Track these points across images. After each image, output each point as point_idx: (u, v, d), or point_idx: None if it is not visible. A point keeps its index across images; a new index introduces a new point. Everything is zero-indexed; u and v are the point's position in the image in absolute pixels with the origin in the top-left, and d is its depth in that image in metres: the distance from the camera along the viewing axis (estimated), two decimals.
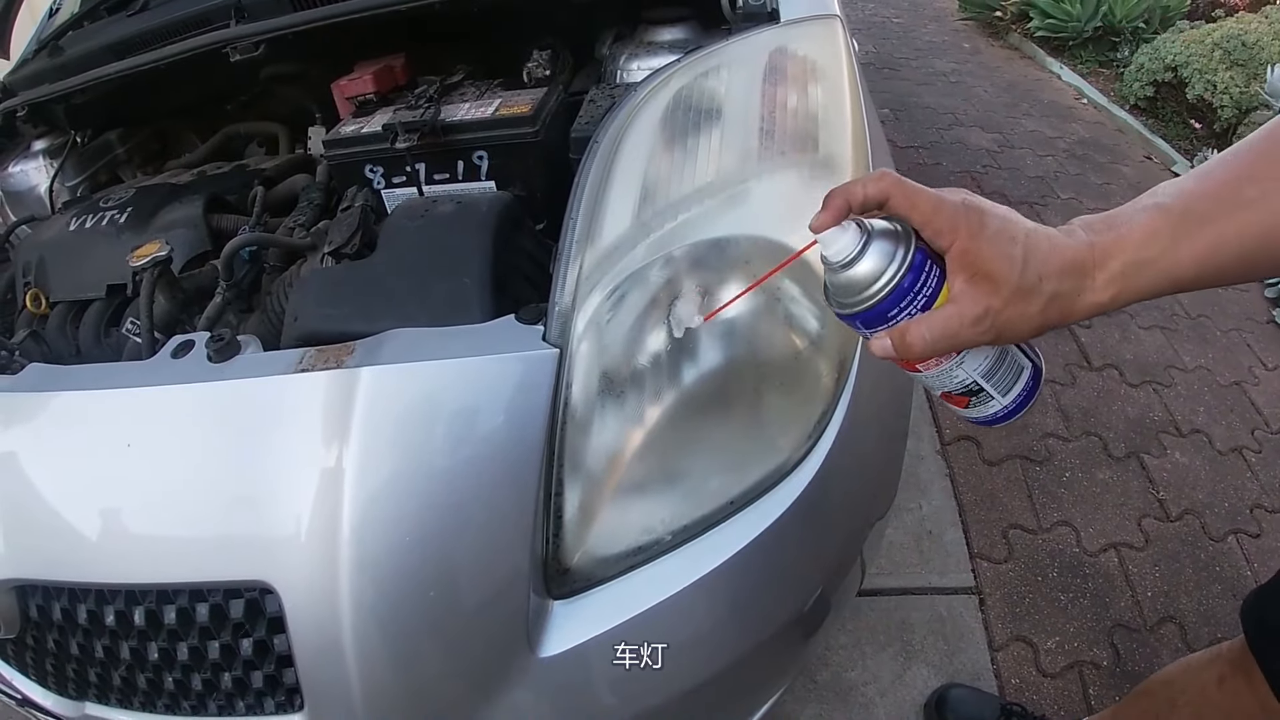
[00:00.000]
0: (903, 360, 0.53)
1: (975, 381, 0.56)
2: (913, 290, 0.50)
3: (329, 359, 0.71)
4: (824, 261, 0.52)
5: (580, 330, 0.70)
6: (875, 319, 0.52)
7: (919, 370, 0.56)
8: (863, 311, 0.52)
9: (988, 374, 0.56)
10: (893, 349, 0.51)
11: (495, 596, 0.71)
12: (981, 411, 0.58)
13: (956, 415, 0.61)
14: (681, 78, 0.83)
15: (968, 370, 0.55)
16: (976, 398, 0.57)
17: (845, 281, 0.51)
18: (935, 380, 0.56)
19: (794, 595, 0.84)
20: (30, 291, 1.11)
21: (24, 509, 0.78)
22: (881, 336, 0.51)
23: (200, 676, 0.76)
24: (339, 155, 1.03)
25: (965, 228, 0.49)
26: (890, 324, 0.51)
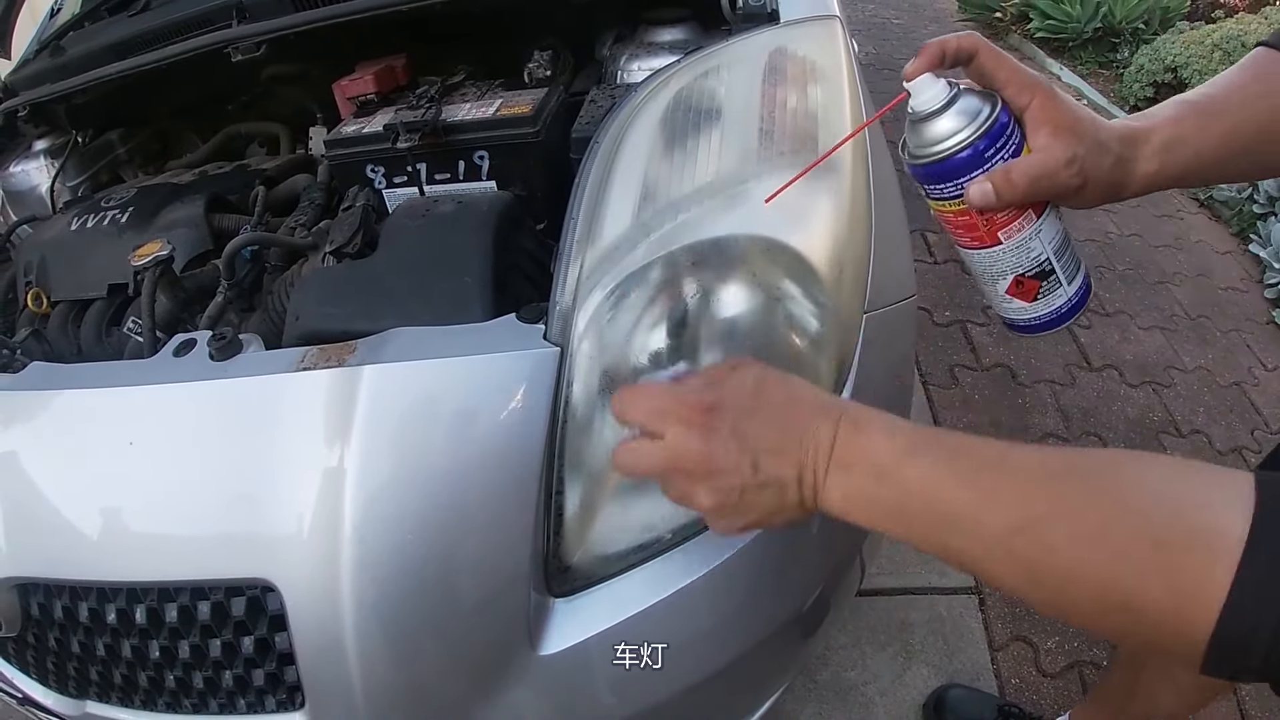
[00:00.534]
0: (996, 212, 0.55)
1: (1048, 259, 0.59)
2: (1003, 136, 0.54)
3: (331, 357, 0.71)
4: (912, 113, 0.54)
5: (581, 329, 0.71)
6: (963, 166, 0.54)
7: (999, 242, 0.57)
8: (951, 155, 0.54)
9: (1059, 250, 0.59)
10: (993, 191, 0.53)
11: (496, 594, 0.72)
12: (1049, 304, 0.60)
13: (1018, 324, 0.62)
14: (682, 78, 0.83)
15: (1043, 242, 0.58)
16: (1046, 283, 0.59)
17: (934, 130, 0.54)
18: (1012, 255, 0.58)
19: (793, 594, 0.85)
20: (31, 291, 1.11)
21: (26, 507, 0.78)
22: (981, 181, 0.54)
23: (201, 674, 0.76)
24: (340, 155, 1.03)
25: (1043, 89, 0.54)
26: (982, 170, 0.54)
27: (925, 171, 0.56)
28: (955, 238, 0.61)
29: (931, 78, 0.54)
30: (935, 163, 0.55)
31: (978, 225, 0.57)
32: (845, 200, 0.80)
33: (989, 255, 0.59)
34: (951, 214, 0.58)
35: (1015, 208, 0.56)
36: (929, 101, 0.53)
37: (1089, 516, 0.41)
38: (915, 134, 0.55)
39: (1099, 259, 2.76)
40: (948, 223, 0.60)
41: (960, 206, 0.57)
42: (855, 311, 0.80)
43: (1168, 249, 2.86)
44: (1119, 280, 2.66)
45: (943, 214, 0.59)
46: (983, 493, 0.44)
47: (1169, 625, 0.39)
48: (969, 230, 0.59)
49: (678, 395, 0.52)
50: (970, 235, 0.59)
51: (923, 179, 0.57)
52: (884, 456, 0.47)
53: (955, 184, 0.55)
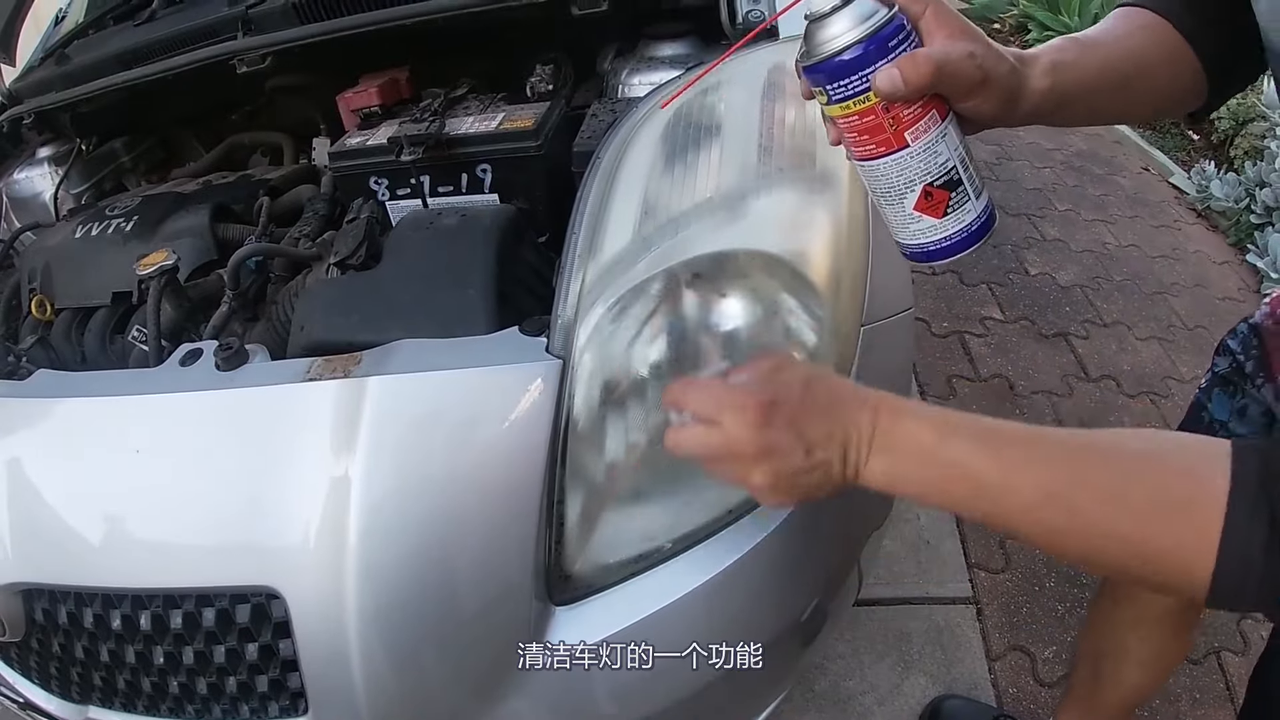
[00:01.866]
0: (904, 104, 0.55)
1: (955, 166, 0.57)
2: (903, 31, 0.54)
3: (336, 368, 0.72)
4: (811, 14, 0.54)
5: (583, 342, 0.72)
6: (869, 56, 0.53)
7: (906, 144, 0.56)
8: (857, 43, 0.52)
9: (964, 160, 0.58)
10: (900, 77, 0.53)
11: (499, 602, 0.72)
12: (959, 219, 0.59)
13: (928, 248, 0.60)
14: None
15: (949, 147, 0.57)
16: (956, 194, 0.58)
17: (837, 25, 0.53)
18: (920, 159, 0.56)
19: (792, 603, 0.86)
20: (35, 298, 1.12)
21: (32, 513, 0.79)
22: (888, 68, 0.53)
23: (205, 680, 0.77)
24: (344, 167, 1.04)
25: (935, 1, 0.57)
26: (886, 60, 0.53)
27: (828, 67, 0.54)
28: (858, 150, 0.58)
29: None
30: (837, 55, 0.53)
31: (884, 126, 0.55)
32: (843, 214, 0.81)
33: (895, 161, 0.57)
34: (855, 115, 0.56)
35: (921, 100, 0.55)
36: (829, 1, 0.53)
37: (1106, 483, 0.49)
38: (815, 32, 0.54)
39: (1096, 270, 2.77)
40: (850, 129, 0.57)
41: (864, 105, 0.55)
42: (853, 324, 0.81)
43: (1165, 259, 2.87)
44: (1116, 291, 2.67)
45: (846, 118, 0.56)
46: (1013, 466, 0.51)
47: (1177, 569, 0.47)
48: (874, 134, 0.56)
49: (734, 388, 0.58)
50: (875, 140, 0.56)
51: (825, 77, 0.55)
52: (924, 440, 0.53)
53: (860, 75, 0.54)
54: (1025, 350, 2.40)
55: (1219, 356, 0.98)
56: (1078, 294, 2.65)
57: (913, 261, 0.64)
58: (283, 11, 1.15)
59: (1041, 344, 2.43)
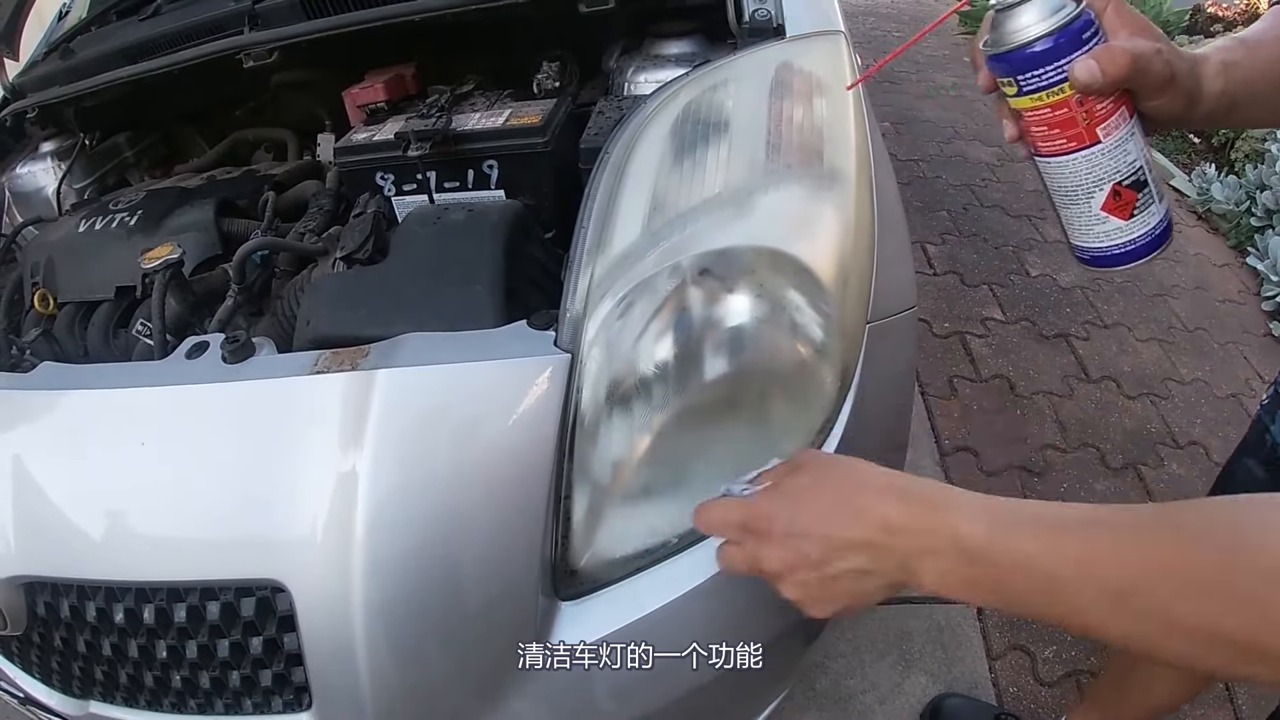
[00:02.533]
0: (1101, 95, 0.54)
1: (1143, 166, 0.56)
2: (1094, 25, 0.53)
3: (344, 361, 0.72)
4: (997, 5, 0.54)
5: (591, 336, 0.72)
6: (1064, 47, 0.53)
7: (1098, 140, 0.55)
8: (1054, 32, 0.52)
9: (1149, 161, 0.57)
10: (1098, 67, 0.52)
11: (505, 596, 0.72)
12: (1145, 222, 0.58)
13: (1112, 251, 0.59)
14: (690, 91, 0.84)
15: (1137, 146, 0.56)
16: (1143, 195, 0.57)
17: (1030, 13, 0.52)
18: (1111, 156, 0.55)
19: None
20: (38, 292, 1.12)
21: (35, 506, 0.78)
22: (1086, 59, 0.52)
23: (209, 674, 0.77)
24: (351, 162, 1.04)
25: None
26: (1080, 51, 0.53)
27: (1021, 57, 0.54)
28: (1045, 145, 0.57)
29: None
30: (1030, 44, 0.53)
31: (1076, 120, 0.55)
32: (849, 212, 0.81)
33: (1087, 157, 0.56)
34: (1047, 108, 0.55)
35: (1116, 92, 0.54)
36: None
37: (1188, 570, 0.42)
38: (1005, 22, 0.54)
39: (1097, 270, 2.77)
40: (1040, 123, 0.56)
41: (1057, 97, 0.54)
42: (859, 321, 0.82)
43: (1166, 261, 2.87)
44: (1117, 292, 2.68)
45: (1035, 110, 0.56)
46: (1081, 562, 0.45)
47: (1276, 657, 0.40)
48: (1065, 128, 0.55)
49: (744, 506, 0.58)
50: (1066, 134, 0.55)
51: (1017, 67, 0.54)
52: (971, 539, 0.48)
53: (1055, 66, 0.53)
54: (1026, 351, 2.41)
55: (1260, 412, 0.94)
56: (1078, 295, 2.65)
57: (1092, 268, 0.63)
58: (289, 6, 1.15)
59: (1042, 345, 2.44)
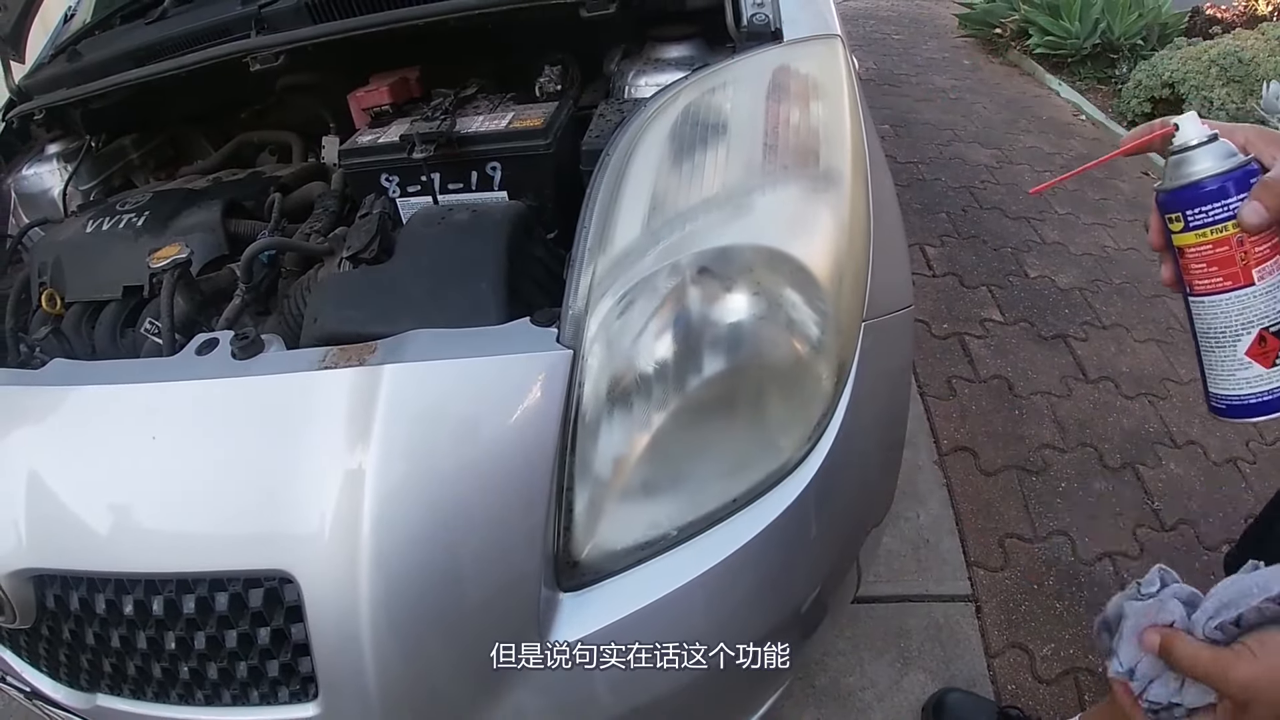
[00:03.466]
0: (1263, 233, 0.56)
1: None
2: (1257, 173, 0.56)
3: (351, 357, 0.73)
4: (1180, 145, 0.58)
5: (592, 333, 0.73)
6: (1233, 188, 0.56)
7: (1253, 282, 0.57)
8: (1227, 173, 0.56)
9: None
10: (1261, 205, 0.55)
11: (508, 587, 0.74)
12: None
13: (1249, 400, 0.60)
14: (689, 94, 0.86)
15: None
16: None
17: (1206, 157, 0.57)
18: (1264, 299, 0.57)
19: (793, 592, 0.87)
20: (46, 292, 1.13)
21: (46, 500, 0.79)
22: (1251, 200, 0.55)
23: (216, 665, 0.78)
24: (356, 164, 1.06)
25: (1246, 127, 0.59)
26: (1245, 194, 0.56)
27: (1195, 193, 0.57)
28: (1201, 283, 0.59)
29: (1195, 116, 0.58)
30: (1209, 180, 0.57)
31: (1235, 259, 0.57)
32: (845, 212, 0.83)
33: (1239, 299, 0.57)
34: (1209, 245, 0.58)
35: (1275, 239, 0.57)
36: (1200, 133, 0.57)
37: None
38: (1183, 163, 0.58)
39: (1096, 273, 2.79)
40: (1200, 259, 0.59)
41: (1220, 234, 0.57)
42: (855, 319, 0.83)
43: None
44: (1115, 294, 2.69)
45: (1198, 247, 0.58)
46: None
47: None
48: (1224, 266, 0.57)
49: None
50: (1224, 273, 0.58)
51: (1189, 203, 0.58)
52: None
53: (1223, 205, 0.56)
54: (1024, 352, 2.42)
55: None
56: (1077, 296, 2.66)
57: (1226, 418, 0.63)
58: (295, 11, 1.17)
59: (1041, 346, 2.45)
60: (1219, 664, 0.55)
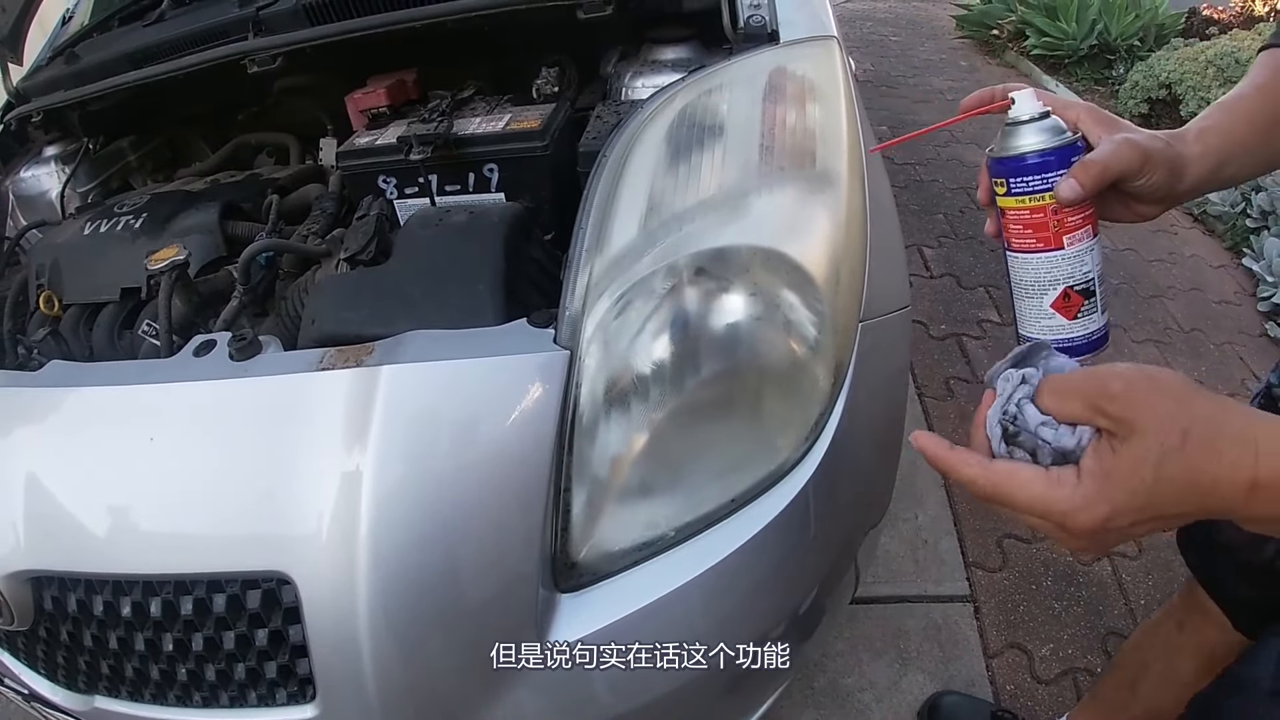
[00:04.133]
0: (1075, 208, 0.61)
1: (1094, 278, 0.64)
2: (1082, 152, 0.61)
3: (349, 358, 0.74)
4: (1013, 118, 0.62)
5: (589, 334, 0.74)
6: (1054, 163, 0.60)
7: (1062, 246, 0.62)
8: (1052, 150, 0.60)
9: (1100, 278, 0.64)
10: (1076, 183, 0.59)
11: (506, 588, 0.74)
12: (1085, 326, 0.65)
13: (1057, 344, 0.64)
14: (686, 95, 0.86)
15: (1093, 260, 0.63)
16: (1088, 303, 0.64)
17: (1034, 132, 0.61)
18: (1069, 262, 0.63)
19: (792, 593, 0.87)
20: (43, 294, 1.13)
21: (43, 501, 0.80)
22: (1068, 177, 0.60)
23: (214, 667, 0.78)
24: (354, 165, 1.06)
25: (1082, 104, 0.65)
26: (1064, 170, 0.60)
27: (1019, 164, 0.62)
28: (1017, 241, 0.65)
29: (1032, 94, 0.62)
30: (1033, 154, 0.61)
31: (1048, 225, 0.62)
32: (841, 213, 0.83)
33: (1049, 259, 0.63)
34: (1027, 210, 0.63)
35: (1086, 210, 0.62)
36: (1033, 109, 0.62)
37: None
38: (1014, 135, 0.62)
39: None
40: (1017, 222, 0.64)
41: (1039, 204, 0.62)
42: (851, 320, 0.83)
43: (1162, 263, 2.89)
44: (1113, 294, 2.69)
45: (1016, 211, 0.63)
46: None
47: None
48: (1038, 230, 0.63)
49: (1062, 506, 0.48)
50: (1037, 236, 0.63)
51: (1013, 172, 0.62)
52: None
53: (1043, 178, 0.61)
54: None
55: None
56: None
57: None
58: (293, 13, 1.17)
59: None
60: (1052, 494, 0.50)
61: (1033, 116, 0.61)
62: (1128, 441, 0.47)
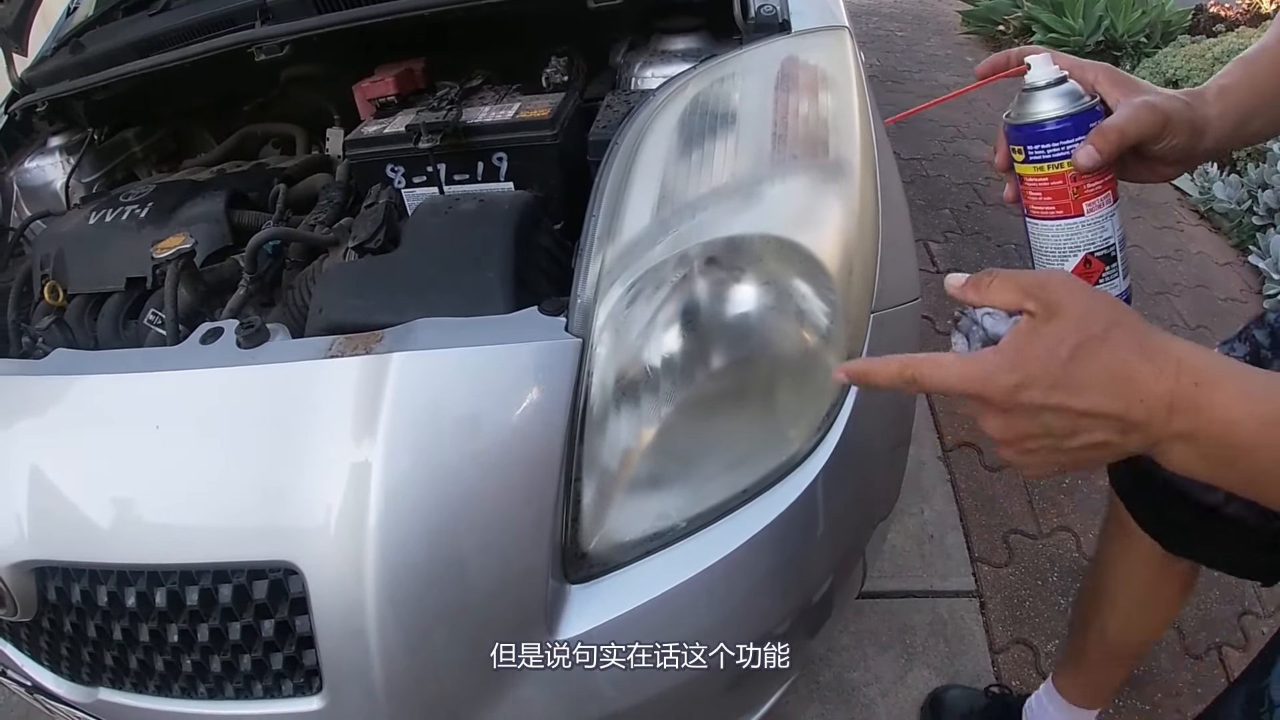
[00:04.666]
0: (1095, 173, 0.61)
1: (1115, 243, 0.64)
2: (1101, 118, 0.61)
3: (358, 345, 0.73)
4: (1030, 84, 0.62)
5: (601, 322, 0.73)
6: (1073, 129, 0.60)
7: (1082, 213, 0.62)
8: (1070, 116, 0.60)
9: (1122, 241, 0.65)
10: (1094, 149, 0.59)
11: (516, 579, 0.73)
12: (1108, 291, 0.65)
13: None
14: (698, 84, 0.86)
15: (1114, 225, 0.64)
16: (1110, 269, 0.65)
17: (1052, 97, 0.61)
18: (1090, 229, 0.63)
19: (801, 586, 0.86)
20: (48, 283, 1.13)
21: (48, 491, 0.79)
22: (1087, 144, 0.59)
23: (220, 658, 0.77)
24: (361, 154, 1.05)
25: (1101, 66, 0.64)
26: (1083, 137, 0.60)
27: (1037, 131, 0.61)
28: (1037, 208, 0.64)
29: (1048, 58, 0.61)
30: (1046, 123, 0.61)
31: (1067, 192, 0.62)
32: (854, 203, 0.83)
33: (1069, 226, 0.63)
34: (1046, 178, 0.62)
35: (1106, 176, 0.62)
36: (1049, 74, 0.61)
37: None
38: (1030, 101, 0.62)
39: None
40: (1037, 189, 0.63)
41: (1058, 170, 0.61)
42: (863, 310, 0.83)
43: (1168, 260, 2.88)
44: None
45: (1036, 178, 0.63)
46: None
47: None
48: (1057, 197, 0.62)
49: (976, 374, 0.50)
50: (1057, 203, 0.63)
51: (1031, 139, 0.62)
52: (1240, 431, 0.44)
53: (1061, 144, 0.60)
54: None
55: (1238, 343, 0.96)
56: None
57: None
58: (300, 1, 1.16)
59: None
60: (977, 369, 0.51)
61: (1050, 81, 0.61)
62: (1050, 322, 0.48)
